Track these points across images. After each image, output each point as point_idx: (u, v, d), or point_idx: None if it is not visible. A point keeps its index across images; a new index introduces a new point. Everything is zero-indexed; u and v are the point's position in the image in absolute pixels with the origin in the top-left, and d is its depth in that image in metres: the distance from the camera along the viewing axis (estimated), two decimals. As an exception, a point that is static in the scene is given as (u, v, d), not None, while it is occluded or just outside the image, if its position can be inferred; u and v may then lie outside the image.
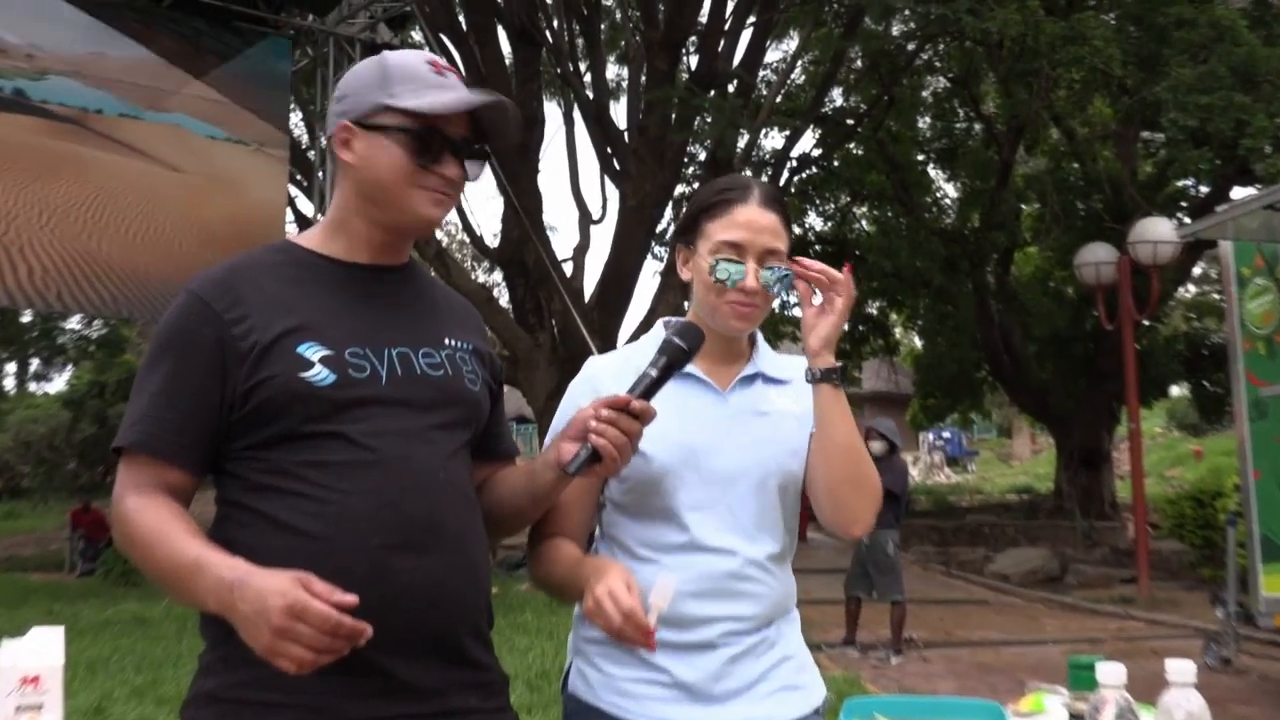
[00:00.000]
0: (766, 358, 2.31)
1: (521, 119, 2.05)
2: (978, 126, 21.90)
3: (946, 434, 39.94)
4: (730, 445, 2.18)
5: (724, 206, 2.17)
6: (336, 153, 1.99)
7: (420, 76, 1.97)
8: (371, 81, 1.97)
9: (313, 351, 1.87)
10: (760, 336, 2.34)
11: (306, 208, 18.78)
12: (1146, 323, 18.67)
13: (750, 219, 2.15)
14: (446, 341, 2.05)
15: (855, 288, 2.15)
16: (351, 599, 1.62)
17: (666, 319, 2.36)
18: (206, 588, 1.69)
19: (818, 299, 2.15)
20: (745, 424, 2.21)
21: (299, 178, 18.61)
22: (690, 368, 2.19)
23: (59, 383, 36.56)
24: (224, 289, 1.90)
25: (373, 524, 1.83)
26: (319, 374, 1.86)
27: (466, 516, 1.97)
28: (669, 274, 17.22)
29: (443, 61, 2.03)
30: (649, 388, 1.97)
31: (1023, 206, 22.30)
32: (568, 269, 18.68)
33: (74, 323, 32.01)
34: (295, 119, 18.47)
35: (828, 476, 2.14)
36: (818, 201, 23.48)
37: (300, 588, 1.61)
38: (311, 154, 16.29)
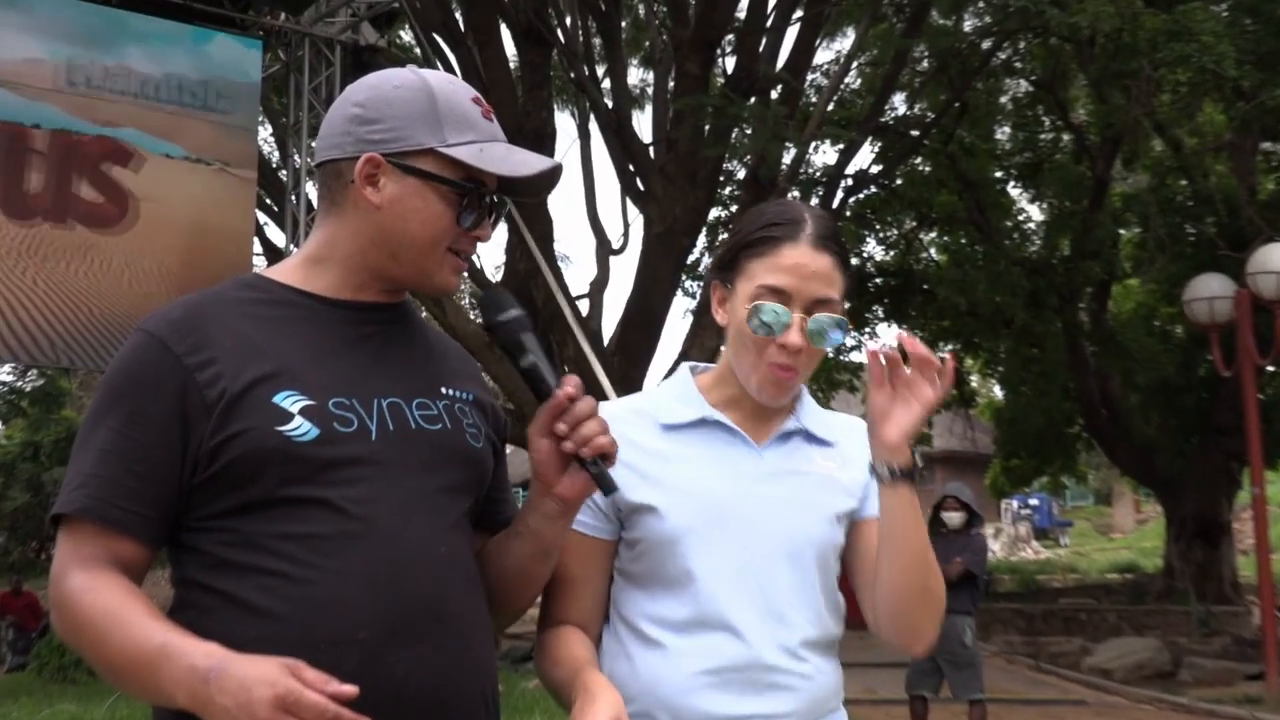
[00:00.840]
0: (811, 414, 2.32)
1: (559, 172, 2.06)
2: (1066, 137, 21.88)
3: (1034, 501, 39.74)
4: (762, 506, 2.18)
5: (770, 245, 2.16)
6: (356, 186, 1.97)
7: (470, 119, 1.98)
8: (417, 114, 1.96)
9: (292, 401, 1.87)
10: (804, 389, 2.35)
11: (277, 237, 18.92)
12: (1271, 368, 18.54)
13: (798, 262, 2.14)
14: (443, 391, 2.06)
15: (934, 354, 2.12)
16: (350, 690, 1.62)
17: (693, 364, 2.37)
18: (175, 678, 1.69)
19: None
20: (781, 484, 2.21)
21: (269, 202, 18.76)
22: (722, 418, 2.22)
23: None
24: (185, 329, 1.90)
25: (363, 609, 1.82)
26: (299, 428, 1.85)
27: (471, 599, 1.98)
28: (702, 313, 17.24)
29: (482, 100, 2.04)
30: (546, 372, 1.97)
31: (1121, 231, 22.24)
32: (583, 307, 18.73)
33: (3, 373, 32.24)
34: (264, 134, 18.68)
35: (894, 589, 2.13)
36: (878, 226, 23.47)
37: (291, 676, 1.61)
38: (284, 174, 16.41)
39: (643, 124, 20.39)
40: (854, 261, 23.04)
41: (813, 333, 2.14)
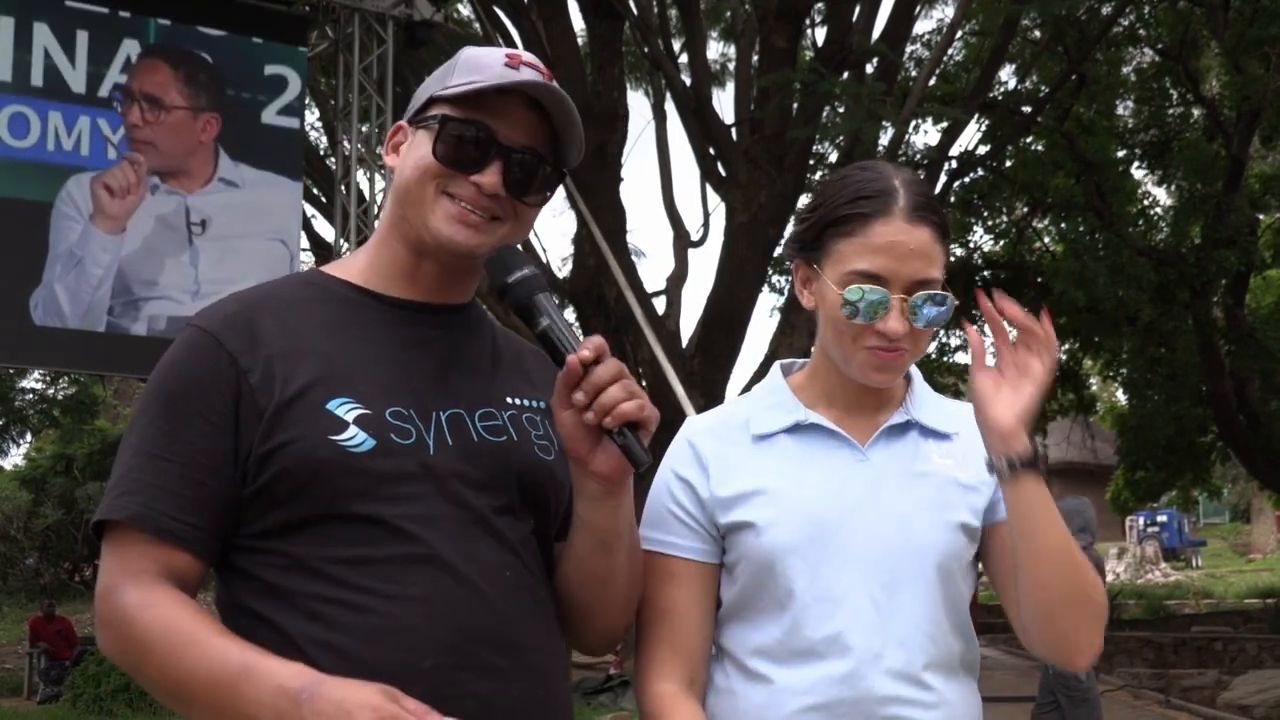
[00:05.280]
0: (924, 402, 2.27)
1: (580, 123, 2.07)
2: (1197, 112, 21.62)
3: (1162, 518, 39.26)
4: (873, 517, 2.13)
5: (859, 222, 2.11)
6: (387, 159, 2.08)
7: (487, 66, 2.02)
8: (438, 76, 2.06)
9: (346, 409, 1.89)
10: (917, 373, 2.30)
11: (326, 231, 19.08)
12: None
13: (894, 240, 2.09)
14: (509, 400, 2.08)
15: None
16: None
17: (785, 361, 2.35)
18: (260, 699, 1.71)
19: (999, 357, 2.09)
20: (894, 489, 2.16)
21: (315, 193, 18.92)
22: (819, 419, 2.19)
23: (15, 456, 37.41)
24: (238, 326, 1.93)
25: (425, 640, 1.84)
26: (354, 438, 1.87)
27: (541, 627, 1.99)
28: (791, 310, 17.20)
29: (528, 56, 2.07)
30: (564, 334, 1.96)
31: (1260, 216, 21.92)
32: (659, 305, 18.73)
33: (33, 381, 32.75)
34: (311, 118, 18.84)
35: (1042, 597, 2.05)
36: (986, 214, 23.32)
37: (393, 702, 1.66)
38: (332, 162, 16.55)
39: (724, 103, 20.39)
40: (959, 253, 22.90)
41: (915, 316, 2.09)
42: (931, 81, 18.80)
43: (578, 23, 17.67)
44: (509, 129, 2.00)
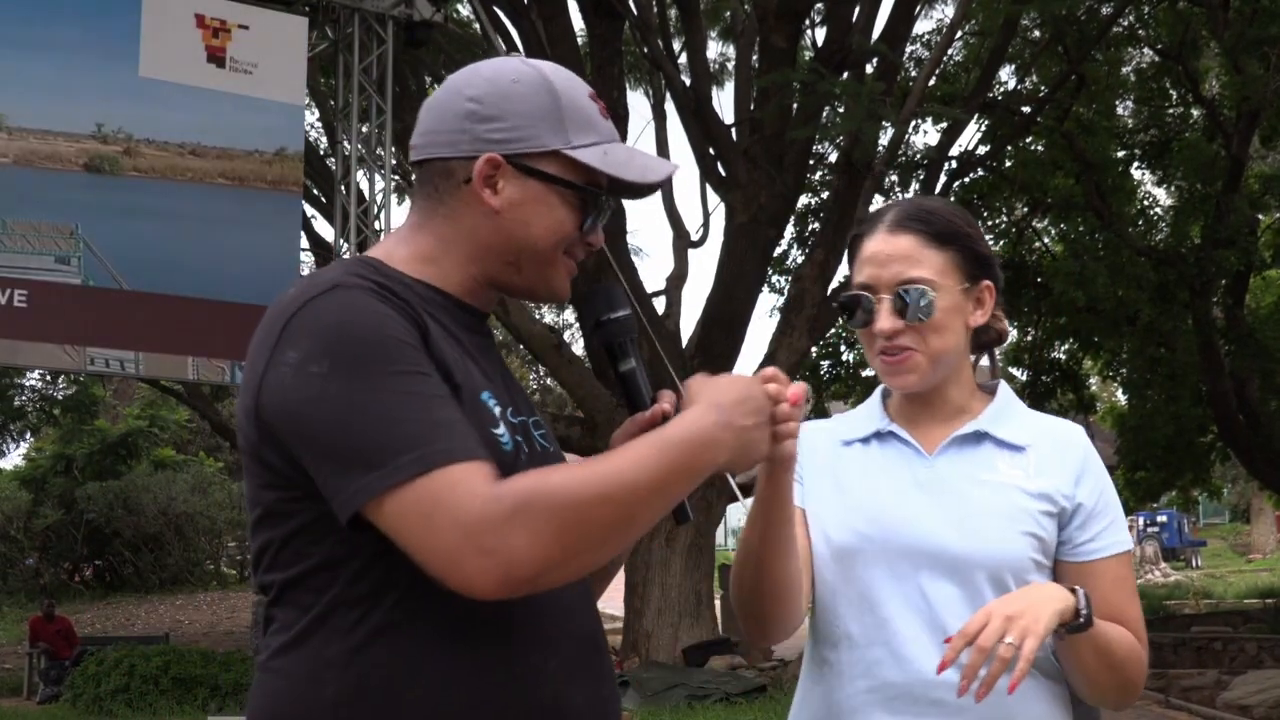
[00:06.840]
0: (1000, 415, 2.34)
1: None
2: (1196, 113, 21.61)
3: (1162, 518, 39.27)
4: (929, 519, 2.23)
5: (855, 244, 2.33)
6: (472, 188, 1.93)
7: (591, 119, 1.98)
8: (539, 112, 1.95)
9: (494, 404, 1.87)
10: (1005, 390, 2.38)
11: (326, 231, 19.08)
12: None
13: (876, 251, 2.27)
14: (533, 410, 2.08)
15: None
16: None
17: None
18: (704, 450, 1.78)
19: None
20: (954, 494, 2.26)
21: (315, 193, 18.91)
22: (896, 428, 2.32)
23: (15, 456, 37.42)
24: (384, 288, 1.83)
25: (552, 641, 1.86)
26: (504, 436, 1.85)
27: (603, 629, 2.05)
28: (791, 310, 17.19)
29: (597, 96, 2.06)
30: (643, 381, 2.01)
31: (1259, 217, 21.92)
32: (659, 305, 18.73)
33: (33, 379, 32.74)
34: (311, 118, 18.85)
35: (1090, 684, 2.23)
36: (986, 214, 23.29)
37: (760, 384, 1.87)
38: (332, 162, 16.54)
39: (724, 103, 20.40)
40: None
41: (903, 310, 2.22)
42: (931, 81, 18.82)
43: (577, 22, 17.70)
44: (606, 183, 2.01)
